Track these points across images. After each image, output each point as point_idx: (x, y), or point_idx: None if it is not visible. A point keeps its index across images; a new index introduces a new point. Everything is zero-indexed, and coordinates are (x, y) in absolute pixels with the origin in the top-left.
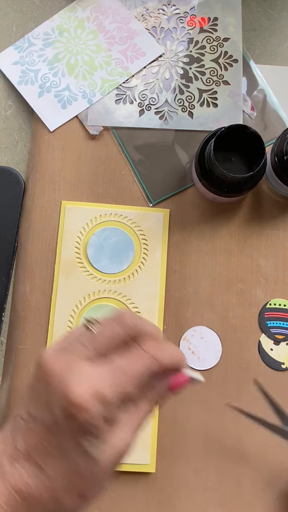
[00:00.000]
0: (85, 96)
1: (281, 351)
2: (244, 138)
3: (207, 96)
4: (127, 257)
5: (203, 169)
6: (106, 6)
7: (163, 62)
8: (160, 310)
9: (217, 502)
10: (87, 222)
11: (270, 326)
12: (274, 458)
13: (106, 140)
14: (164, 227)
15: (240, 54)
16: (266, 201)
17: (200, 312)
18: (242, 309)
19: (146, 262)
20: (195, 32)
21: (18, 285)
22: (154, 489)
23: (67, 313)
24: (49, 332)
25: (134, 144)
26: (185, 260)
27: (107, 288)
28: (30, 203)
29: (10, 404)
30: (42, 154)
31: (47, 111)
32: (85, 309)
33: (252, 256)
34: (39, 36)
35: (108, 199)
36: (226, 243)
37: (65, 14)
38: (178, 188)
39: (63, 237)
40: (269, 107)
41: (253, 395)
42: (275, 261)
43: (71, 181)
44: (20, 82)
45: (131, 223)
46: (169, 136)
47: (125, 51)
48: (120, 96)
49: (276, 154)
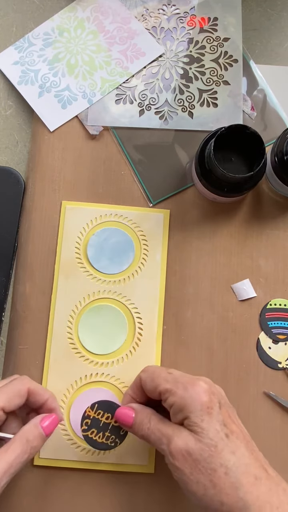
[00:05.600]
0: (85, 96)
1: (279, 350)
2: (244, 138)
3: (207, 96)
4: (127, 258)
5: (203, 169)
6: (106, 6)
7: (163, 62)
8: (160, 311)
9: None
10: (87, 222)
11: (272, 327)
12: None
13: (106, 140)
14: (164, 228)
15: (240, 54)
16: (266, 201)
17: (200, 312)
18: (242, 309)
19: (146, 263)
20: (195, 32)
21: (18, 285)
22: (154, 489)
23: (67, 313)
24: (49, 332)
25: (134, 144)
26: (185, 260)
27: (107, 288)
28: (30, 203)
29: None
30: (42, 154)
31: (47, 111)
32: (85, 309)
33: (252, 256)
34: (39, 36)
35: (108, 199)
36: (226, 243)
37: (65, 14)
38: (178, 188)
39: (63, 237)
40: (269, 107)
41: (253, 395)
42: (275, 261)
43: (71, 181)
44: (20, 82)
45: (131, 223)
46: (169, 136)
47: (125, 51)
48: (120, 96)
49: (276, 154)
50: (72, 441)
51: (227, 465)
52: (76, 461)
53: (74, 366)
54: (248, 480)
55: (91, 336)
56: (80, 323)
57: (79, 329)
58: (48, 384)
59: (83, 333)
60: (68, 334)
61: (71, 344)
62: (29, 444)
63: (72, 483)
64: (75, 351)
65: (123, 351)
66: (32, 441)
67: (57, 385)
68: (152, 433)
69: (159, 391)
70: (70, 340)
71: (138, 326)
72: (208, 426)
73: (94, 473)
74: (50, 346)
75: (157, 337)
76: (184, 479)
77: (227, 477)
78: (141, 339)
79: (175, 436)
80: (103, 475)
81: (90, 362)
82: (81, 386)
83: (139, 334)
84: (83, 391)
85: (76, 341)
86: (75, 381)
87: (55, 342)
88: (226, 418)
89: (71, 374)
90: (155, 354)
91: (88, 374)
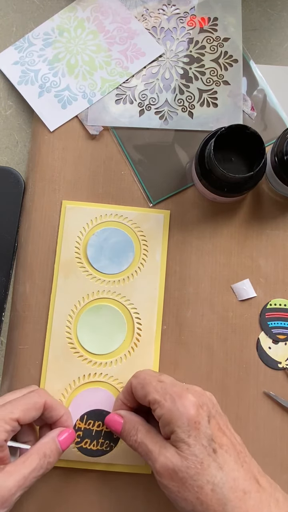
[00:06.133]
0: (85, 96)
1: (278, 350)
2: (244, 138)
3: (207, 96)
4: (126, 258)
5: (203, 169)
6: (106, 6)
7: (163, 62)
8: (159, 311)
9: None
10: (87, 222)
11: (272, 327)
12: (275, 458)
13: (106, 140)
14: (164, 228)
15: (240, 54)
16: (266, 201)
17: (200, 312)
18: (242, 309)
19: (146, 263)
20: (195, 32)
21: (18, 285)
22: (154, 489)
23: (66, 313)
24: (48, 331)
25: (134, 144)
26: (185, 260)
27: (107, 288)
28: (30, 203)
29: None
30: (42, 154)
31: (47, 111)
32: (84, 309)
33: (252, 256)
34: (39, 36)
35: (108, 199)
36: (226, 243)
37: (65, 14)
38: (178, 188)
39: (63, 237)
40: (269, 107)
41: (253, 395)
42: (275, 261)
43: (71, 181)
44: (20, 82)
45: (131, 223)
46: (169, 136)
47: (125, 51)
48: (120, 96)
49: (276, 154)
50: None
51: (214, 481)
52: (76, 461)
53: (72, 366)
54: (236, 495)
55: (90, 336)
56: (79, 323)
57: (78, 329)
58: (47, 383)
59: (82, 333)
60: (67, 334)
61: (69, 343)
62: (46, 459)
63: (72, 482)
64: (73, 351)
65: (122, 351)
66: (49, 455)
67: (55, 384)
68: (139, 446)
69: (148, 400)
70: (69, 340)
71: (137, 326)
72: (194, 442)
73: (93, 473)
74: (49, 345)
75: (156, 337)
76: (172, 496)
77: (214, 494)
78: (140, 339)
79: (161, 455)
80: (102, 476)
81: (89, 362)
82: (79, 385)
83: (137, 334)
84: (81, 391)
85: (75, 341)
86: (73, 381)
87: (53, 342)
88: (216, 431)
89: (69, 374)
90: (153, 355)
91: (87, 374)
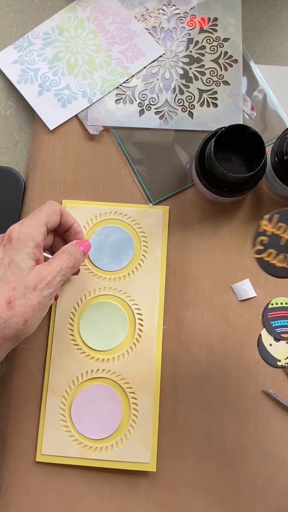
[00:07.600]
0: (85, 95)
1: (279, 348)
2: (244, 138)
3: (207, 96)
4: (127, 255)
5: (203, 169)
6: (106, 6)
7: (163, 62)
8: (160, 307)
9: (217, 502)
10: (87, 221)
11: (275, 326)
12: (275, 458)
13: (106, 140)
14: (164, 223)
15: (240, 54)
16: (266, 201)
17: (200, 312)
18: (242, 309)
19: (146, 260)
20: (195, 32)
21: None
22: (154, 489)
23: (68, 310)
24: (51, 329)
25: (134, 144)
26: (185, 260)
27: (108, 285)
28: (30, 203)
29: (11, 403)
30: (42, 154)
31: (46, 110)
32: (86, 306)
33: (252, 256)
34: (39, 35)
35: (108, 199)
36: (226, 243)
37: (65, 14)
38: (178, 188)
39: None
40: (269, 107)
41: (253, 395)
42: None
43: (71, 181)
44: (20, 81)
45: (131, 221)
46: (169, 136)
47: (125, 51)
48: (120, 96)
49: (276, 154)
50: (73, 437)
51: None
52: (78, 458)
53: (75, 363)
54: None
55: (92, 332)
56: (81, 320)
57: (80, 326)
58: (50, 381)
59: (84, 330)
60: (69, 331)
61: (72, 340)
62: (73, 256)
63: (72, 483)
64: (76, 348)
65: (124, 347)
66: (74, 254)
67: (58, 381)
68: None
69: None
70: (71, 337)
71: (139, 322)
72: None
73: (95, 472)
74: (52, 343)
75: (158, 331)
76: None
77: None
78: (142, 335)
79: None
80: (103, 476)
81: (91, 358)
82: (82, 382)
83: (139, 330)
84: (84, 387)
85: (77, 338)
86: (76, 378)
87: (56, 339)
88: None
89: (72, 371)
90: (156, 349)
91: (89, 370)
